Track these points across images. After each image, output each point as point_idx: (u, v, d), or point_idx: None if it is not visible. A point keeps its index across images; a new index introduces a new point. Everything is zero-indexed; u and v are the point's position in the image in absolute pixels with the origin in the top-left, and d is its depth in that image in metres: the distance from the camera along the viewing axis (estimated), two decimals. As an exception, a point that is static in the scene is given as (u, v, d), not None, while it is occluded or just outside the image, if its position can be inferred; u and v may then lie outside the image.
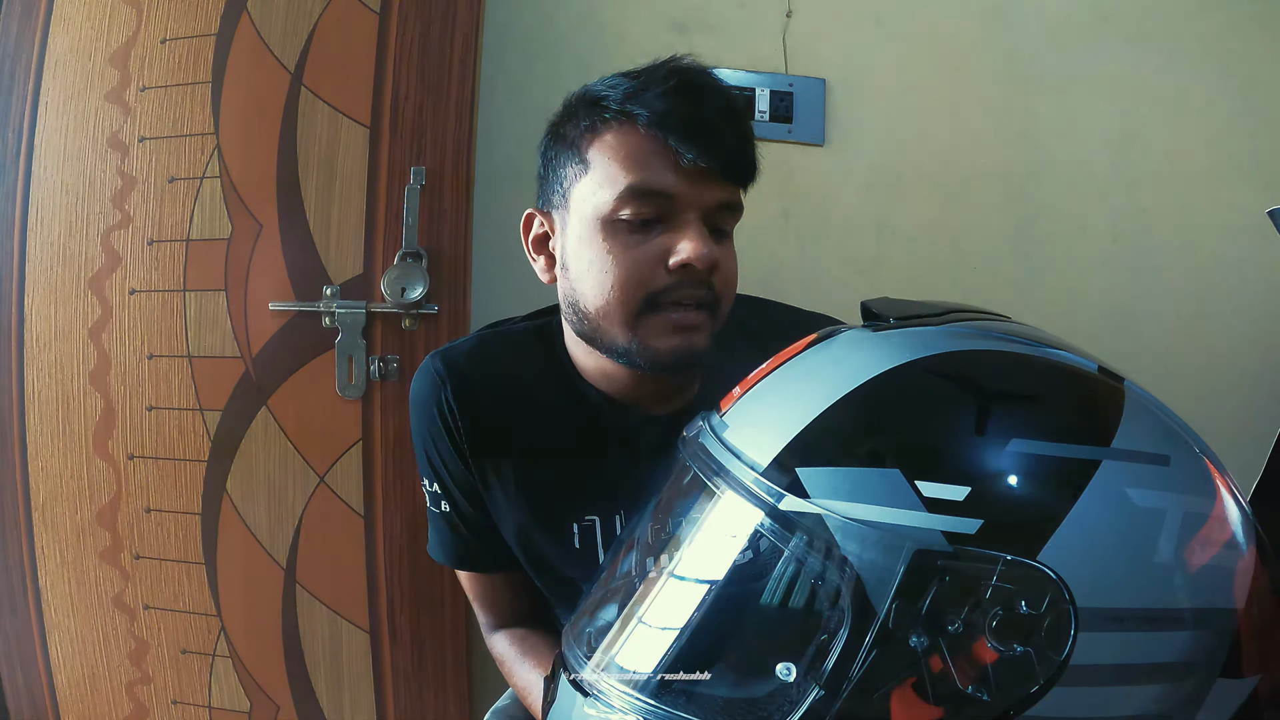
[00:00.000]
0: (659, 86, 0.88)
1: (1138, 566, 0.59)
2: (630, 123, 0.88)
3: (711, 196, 0.89)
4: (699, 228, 0.88)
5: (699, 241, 0.87)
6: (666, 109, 0.87)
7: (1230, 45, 1.84)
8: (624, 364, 0.92)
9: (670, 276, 0.88)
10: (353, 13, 1.46)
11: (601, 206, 0.89)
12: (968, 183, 1.80)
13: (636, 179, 0.87)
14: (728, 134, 0.88)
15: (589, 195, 0.90)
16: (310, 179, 1.46)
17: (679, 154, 0.86)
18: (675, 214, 0.88)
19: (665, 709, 0.65)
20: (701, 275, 0.88)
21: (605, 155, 0.89)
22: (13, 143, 1.44)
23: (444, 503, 1.03)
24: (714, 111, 0.89)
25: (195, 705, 1.49)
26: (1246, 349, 1.86)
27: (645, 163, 0.87)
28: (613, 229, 0.89)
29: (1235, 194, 1.83)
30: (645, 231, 0.88)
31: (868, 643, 0.57)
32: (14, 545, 1.47)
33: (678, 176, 0.87)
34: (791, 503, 0.60)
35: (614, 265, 0.88)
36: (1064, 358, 0.67)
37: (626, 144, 0.88)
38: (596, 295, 0.90)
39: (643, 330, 0.89)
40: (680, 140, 0.86)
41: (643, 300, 0.88)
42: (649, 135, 0.87)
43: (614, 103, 0.89)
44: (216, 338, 1.46)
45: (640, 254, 0.88)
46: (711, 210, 0.89)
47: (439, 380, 0.99)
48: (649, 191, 0.87)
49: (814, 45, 1.74)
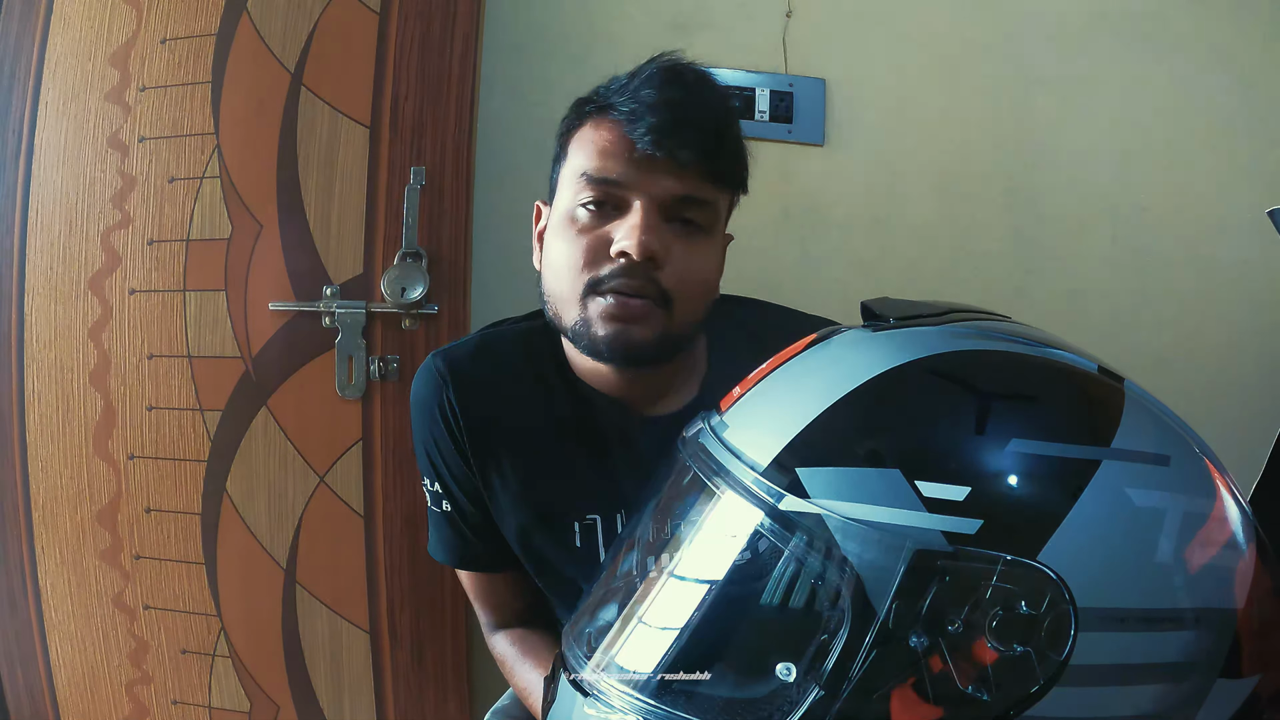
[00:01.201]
0: (639, 82, 0.90)
1: (1138, 567, 0.59)
2: (604, 115, 0.91)
3: (664, 187, 0.88)
4: (644, 217, 0.88)
5: (638, 230, 0.87)
6: (634, 100, 0.88)
7: (1230, 45, 1.84)
8: (579, 350, 0.93)
9: (609, 264, 0.89)
10: (353, 13, 1.46)
11: (568, 195, 0.92)
12: (968, 183, 1.80)
13: (591, 166, 0.90)
14: (695, 126, 0.88)
15: (562, 185, 0.93)
16: (310, 179, 1.46)
17: (633, 142, 0.87)
18: (625, 202, 0.89)
19: (665, 709, 0.65)
20: (639, 266, 0.88)
21: (578, 145, 0.92)
22: (13, 143, 1.44)
23: (445, 502, 1.03)
24: (685, 104, 0.88)
25: (195, 705, 1.49)
26: (1246, 349, 1.85)
27: (603, 151, 0.89)
28: (574, 217, 0.91)
29: (1235, 194, 1.83)
30: (602, 219, 0.90)
31: (868, 643, 0.57)
32: (14, 545, 1.47)
33: (628, 164, 0.88)
34: (791, 503, 0.60)
35: (570, 249, 0.90)
36: (1064, 358, 0.67)
37: (595, 135, 0.91)
38: (553, 277, 0.93)
39: (586, 313, 0.90)
40: (635, 128, 0.87)
41: (585, 284, 0.90)
42: (614, 125, 0.89)
43: (598, 97, 0.92)
44: (216, 338, 1.46)
45: (590, 239, 0.90)
46: (666, 201, 0.89)
47: (441, 380, 0.99)
48: (599, 179, 0.89)
49: (814, 45, 1.74)
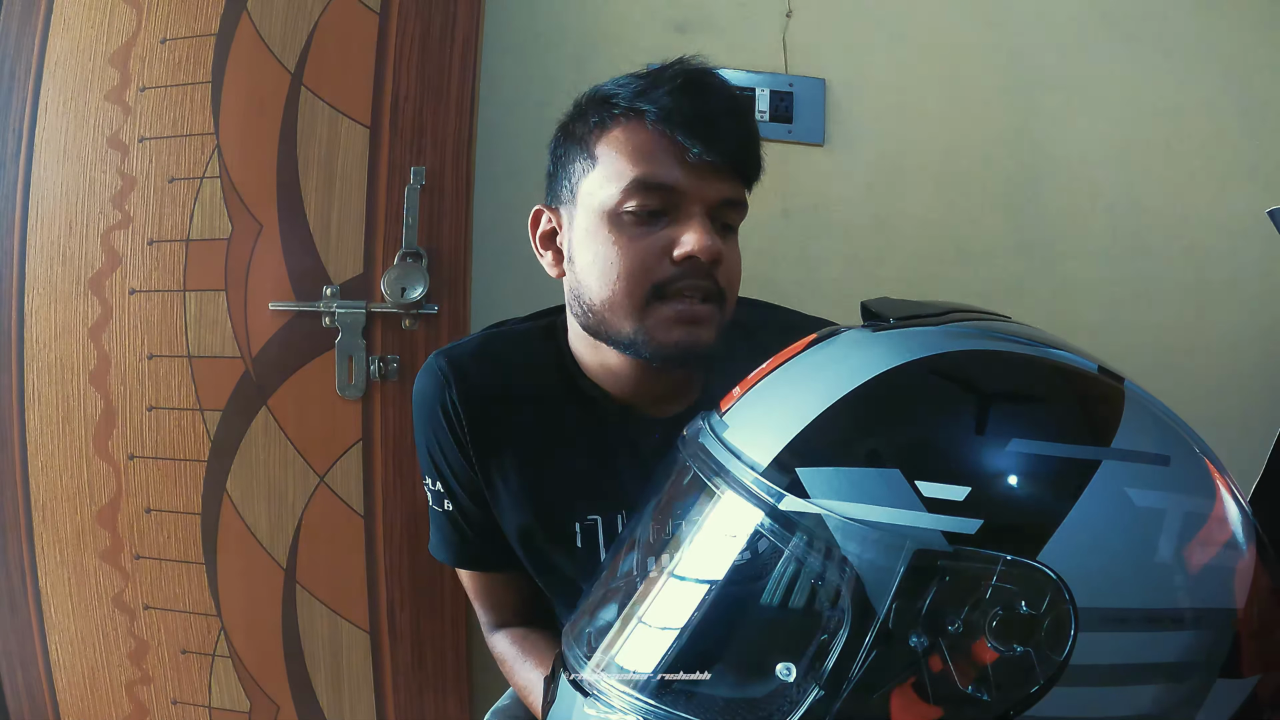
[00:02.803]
0: (667, 84, 0.90)
1: (1138, 566, 0.59)
2: (638, 119, 0.90)
3: (716, 191, 0.90)
4: (704, 220, 0.89)
5: (703, 233, 0.88)
6: (674, 105, 0.88)
7: (1230, 45, 1.84)
8: (630, 355, 0.93)
9: (674, 268, 0.89)
10: (353, 13, 1.46)
11: (608, 200, 0.90)
12: (968, 182, 1.80)
13: (643, 172, 0.89)
14: (733, 131, 0.90)
15: (596, 189, 0.91)
16: (310, 179, 1.46)
17: (685, 148, 0.87)
18: (680, 207, 0.89)
19: (665, 709, 0.65)
20: (705, 267, 0.89)
21: (613, 150, 0.91)
22: (13, 143, 1.44)
23: (446, 501, 1.03)
24: (720, 109, 0.90)
25: (195, 705, 1.49)
26: (1246, 349, 1.86)
27: (652, 156, 0.89)
28: (619, 222, 0.90)
29: (1235, 194, 1.83)
30: (651, 224, 0.90)
31: (868, 643, 0.57)
32: (14, 545, 1.46)
33: (683, 170, 0.88)
34: (791, 503, 0.60)
35: (619, 256, 0.89)
36: (1064, 358, 0.67)
37: (634, 139, 0.90)
38: (602, 287, 0.91)
39: (650, 321, 0.90)
40: (686, 135, 0.87)
41: (648, 290, 0.89)
42: (656, 131, 0.89)
43: (623, 100, 0.91)
44: (216, 338, 1.46)
45: (645, 245, 0.89)
46: (716, 205, 0.90)
47: (443, 379, 0.99)
48: (655, 184, 0.89)
49: (814, 45, 1.74)
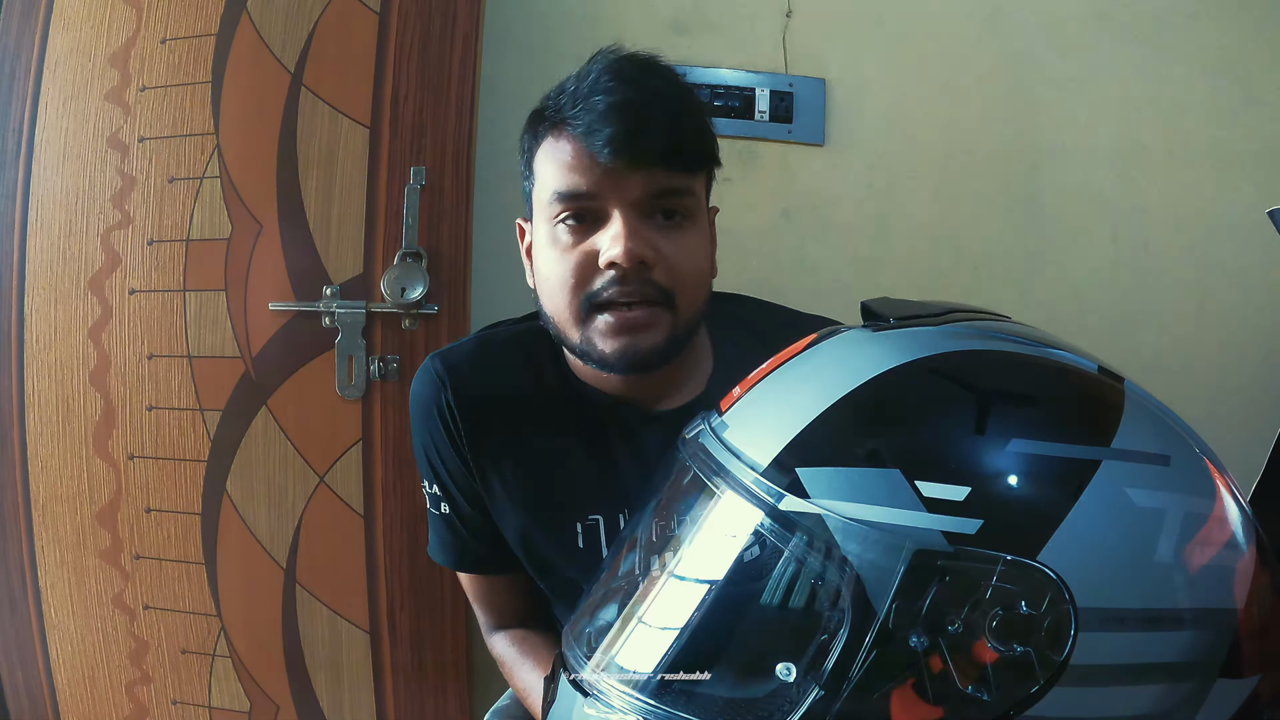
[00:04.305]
0: (587, 88, 0.89)
1: (1138, 567, 0.59)
2: (561, 128, 0.90)
3: (636, 189, 0.88)
4: (623, 224, 0.87)
5: (622, 237, 0.87)
6: (587, 110, 0.88)
7: (1230, 45, 1.84)
8: (590, 366, 0.93)
9: (604, 275, 0.89)
10: (353, 13, 1.46)
11: (545, 214, 0.91)
12: (968, 183, 1.80)
13: (561, 184, 0.89)
14: (655, 120, 0.88)
15: (539, 204, 0.93)
16: (310, 179, 1.46)
17: (595, 153, 0.87)
18: (603, 212, 0.89)
19: (665, 709, 0.65)
20: (634, 272, 0.88)
21: (544, 164, 0.92)
22: (13, 143, 1.44)
23: (444, 504, 1.03)
24: (637, 103, 0.88)
25: (195, 705, 1.49)
26: (1246, 349, 1.85)
27: (569, 166, 0.89)
28: (555, 235, 0.91)
29: (1235, 194, 1.83)
30: (583, 233, 0.90)
31: (868, 643, 0.57)
32: (14, 545, 1.47)
33: (596, 175, 0.88)
34: (791, 503, 0.60)
35: (558, 269, 0.90)
36: (1064, 358, 0.67)
37: (557, 150, 0.91)
38: (549, 300, 0.93)
39: (589, 332, 0.90)
40: (594, 139, 0.87)
41: (583, 302, 0.90)
42: (573, 138, 0.89)
43: (550, 111, 0.92)
44: (216, 338, 1.46)
45: (576, 256, 0.90)
46: (643, 201, 0.89)
47: (439, 381, 0.99)
48: (571, 194, 0.89)
49: (814, 45, 1.74)
